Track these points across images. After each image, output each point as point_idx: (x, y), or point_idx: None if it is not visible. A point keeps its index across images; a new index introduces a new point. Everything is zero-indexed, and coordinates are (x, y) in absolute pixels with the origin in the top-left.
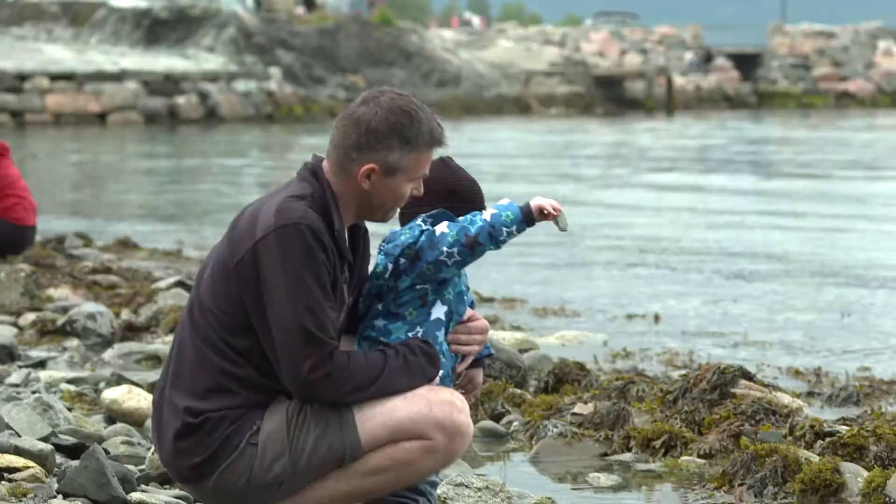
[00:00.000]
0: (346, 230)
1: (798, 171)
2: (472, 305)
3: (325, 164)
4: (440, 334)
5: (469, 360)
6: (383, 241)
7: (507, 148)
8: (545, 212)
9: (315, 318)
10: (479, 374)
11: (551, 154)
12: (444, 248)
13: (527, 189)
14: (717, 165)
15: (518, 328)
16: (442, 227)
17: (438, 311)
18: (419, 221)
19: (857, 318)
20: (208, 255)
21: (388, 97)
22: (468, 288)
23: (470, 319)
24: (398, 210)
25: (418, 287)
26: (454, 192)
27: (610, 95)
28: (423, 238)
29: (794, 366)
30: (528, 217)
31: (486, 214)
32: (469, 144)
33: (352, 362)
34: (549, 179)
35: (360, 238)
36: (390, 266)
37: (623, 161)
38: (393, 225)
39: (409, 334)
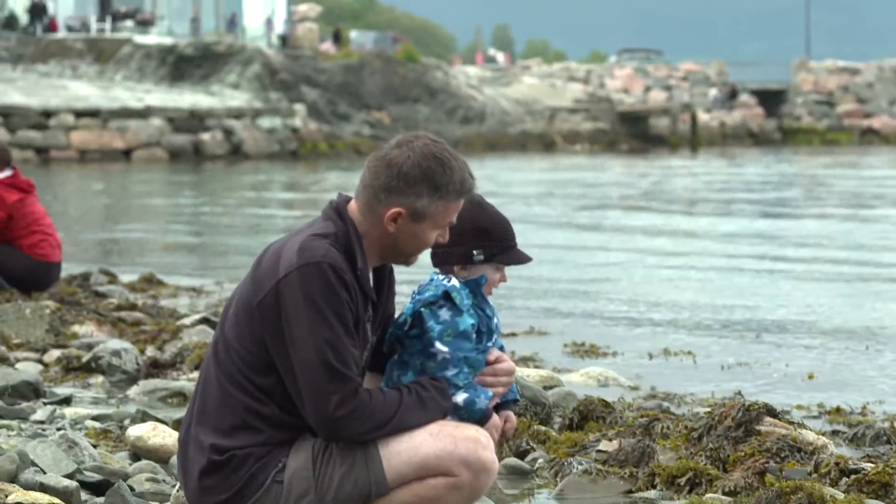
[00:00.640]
0: (369, 269)
1: (832, 212)
2: (501, 349)
3: (351, 203)
4: (469, 345)
5: (495, 401)
6: (415, 290)
7: (530, 186)
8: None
9: (338, 354)
10: (509, 417)
11: (574, 193)
12: (434, 349)
13: (545, 231)
14: (744, 206)
15: (543, 365)
16: (439, 346)
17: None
18: (451, 282)
19: (885, 355)
20: (233, 293)
21: (423, 143)
22: (498, 328)
23: (496, 361)
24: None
25: None
26: (486, 232)
27: (634, 132)
28: (433, 323)
29: (820, 403)
30: (482, 421)
31: (460, 398)
32: (492, 182)
33: (373, 400)
34: (568, 219)
35: (385, 277)
36: (409, 320)
37: (646, 200)
38: (429, 268)
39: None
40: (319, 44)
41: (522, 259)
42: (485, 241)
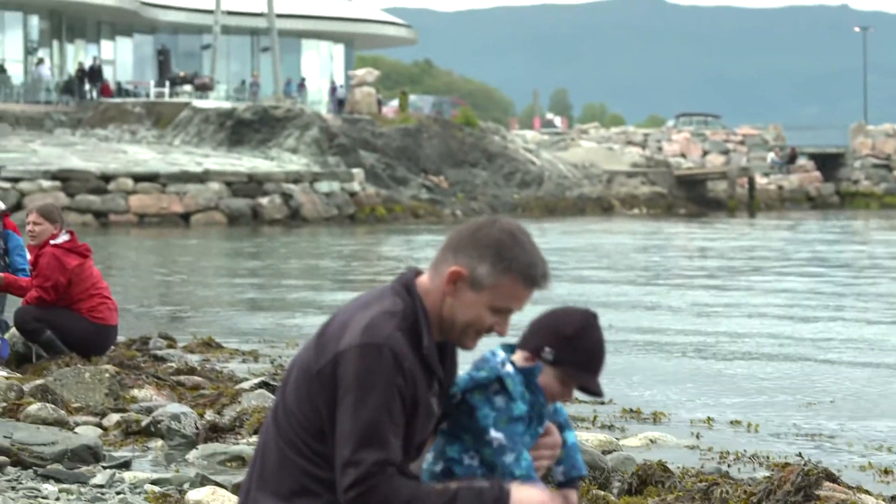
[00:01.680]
0: (435, 346)
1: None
2: (565, 425)
3: (421, 276)
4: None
5: (540, 473)
6: (475, 363)
7: (588, 248)
8: None
9: (371, 437)
10: (572, 494)
11: (633, 255)
12: (489, 437)
13: (602, 289)
14: (805, 267)
15: (600, 429)
16: (494, 434)
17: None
18: (506, 368)
19: None
20: (295, 357)
21: (507, 221)
22: (559, 412)
23: (544, 434)
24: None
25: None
26: (570, 339)
27: (692, 196)
28: (488, 410)
29: (886, 469)
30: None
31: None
32: (551, 244)
33: (397, 487)
34: (628, 280)
35: (447, 351)
36: (458, 395)
37: (706, 261)
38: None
39: (464, 455)
40: (380, 108)
41: (592, 387)
42: (563, 347)
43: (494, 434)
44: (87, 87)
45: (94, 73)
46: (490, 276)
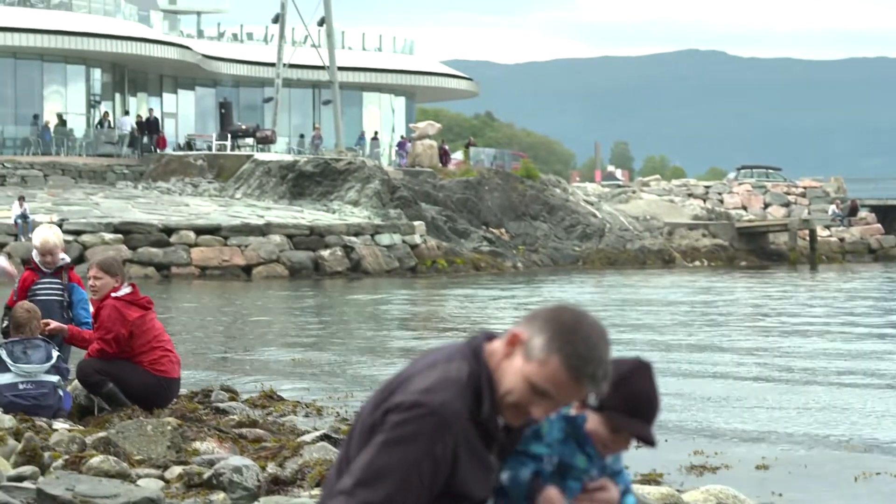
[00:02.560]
0: (496, 413)
1: None
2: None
3: (492, 342)
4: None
5: None
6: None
7: (648, 299)
8: None
9: (375, 482)
10: None
11: (694, 307)
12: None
13: (656, 337)
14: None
15: (662, 482)
16: (503, 475)
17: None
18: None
19: None
20: (360, 409)
21: (590, 316)
22: (610, 469)
23: (598, 489)
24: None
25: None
26: (616, 385)
27: (753, 248)
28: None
29: None
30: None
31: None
32: (612, 295)
33: None
34: (685, 332)
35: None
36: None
37: (767, 315)
38: None
39: None
40: (449, 158)
41: (643, 433)
42: (607, 391)
43: (502, 475)
44: (144, 139)
45: (151, 125)
46: (541, 350)
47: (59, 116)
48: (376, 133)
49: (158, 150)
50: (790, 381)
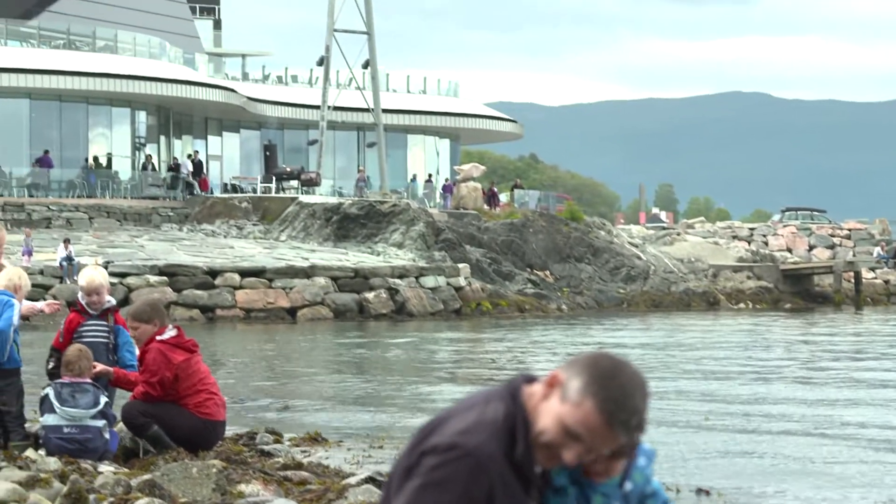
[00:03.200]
0: (531, 454)
1: None
2: None
3: (531, 384)
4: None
5: None
6: None
7: (693, 342)
8: None
9: None
10: None
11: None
12: None
13: (711, 384)
14: None
15: None
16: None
17: None
18: None
19: None
20: (399, 452)
21: (630, 365)
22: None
23: None
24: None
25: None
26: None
27: (798, 290)
28: None
29: None
30: None
31: None
32: (657, 338)
33: None
34: (733, 375)
35: None
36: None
37: (817, 356)
38: None
39: None
40: (497, 200)
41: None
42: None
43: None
44: (186, 179)
45: (195, 168)
46: (577, 393)
47: (96, 158)
48: (430, 176)
49: (202, 193)
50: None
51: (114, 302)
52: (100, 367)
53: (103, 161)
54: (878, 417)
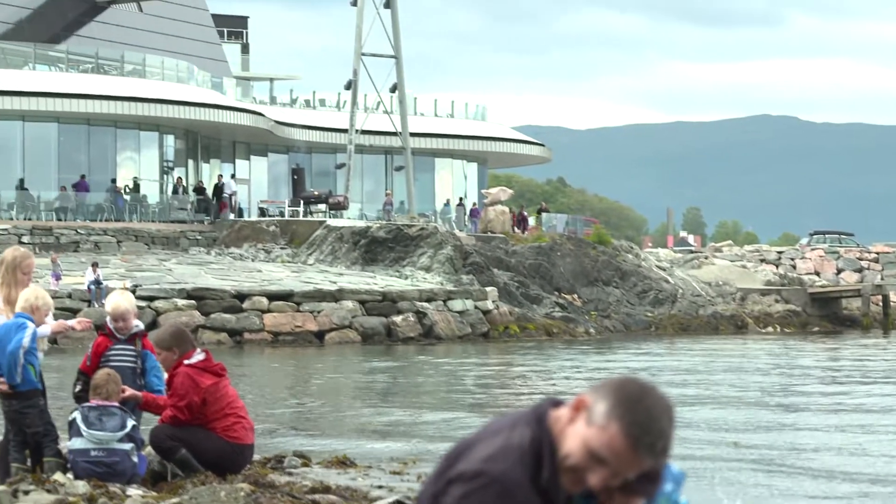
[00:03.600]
0: (557, 479)
1: None
2: None
3: (558, 408)
4: None
5: None
6: None
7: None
8: None
9: None
10: None
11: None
12: None
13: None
14: None
15: None
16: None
17: None
18: None
19: None
20: (426, 479)
21: (655, 389)
22: None
23: None
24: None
25: None
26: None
27: (826, 313)
28: None
29: None
30: None
31: None
32: (683, 362)
33: None
34: (762, 401)
35: None
36: None
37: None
38: None
39: None
40: (526, 223)
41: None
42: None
43: None
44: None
45: (218, 191)
46: (602, 416)
47: (118, 184)
48: (461, 199)
49: (222, 215)
50: None
51: (141, 326)
52: (129, 391)
53: (130, 184)
54: None
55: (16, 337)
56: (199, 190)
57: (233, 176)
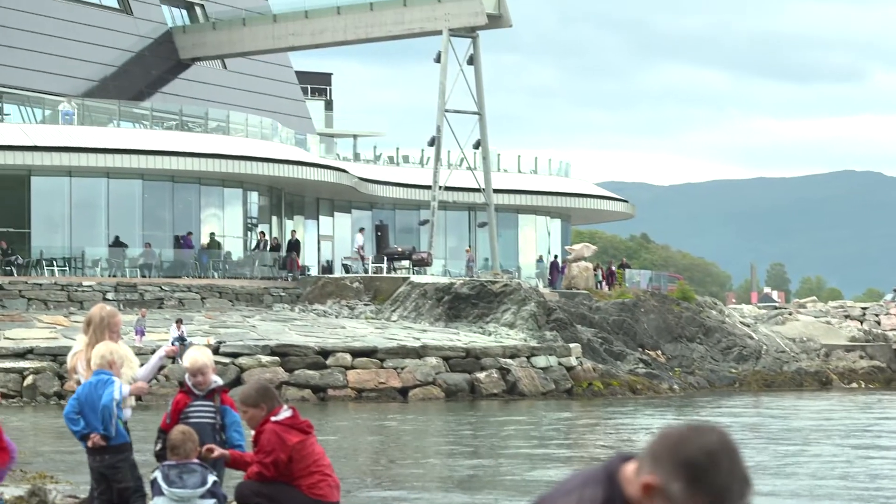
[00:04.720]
0: None
1: None
2: None
3: (628, 464)
4: None
5: None
6: None
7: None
8: None
9: None
10: None
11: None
12: None
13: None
14: None
15: None
16: None
17: None
18: None
19: None
20: None
21: (709, 438)
22: None
23: None
24: None
25: None
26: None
27: None
28: None
29: None
30: None
31: None
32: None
33: None
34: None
35: None
36: None
37: None
38: None
39: None
40: (613, 278)
41: None
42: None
43: None
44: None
45: (292, 247)
46: (682, 496)
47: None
48: (556, 257)
49: (290, 272)
50: None
51: (220, 382)
52: (218, 451)
53: (208, 240)
54: None
55: (105, 391)
56: (276, 247)
57: (361, 229)
